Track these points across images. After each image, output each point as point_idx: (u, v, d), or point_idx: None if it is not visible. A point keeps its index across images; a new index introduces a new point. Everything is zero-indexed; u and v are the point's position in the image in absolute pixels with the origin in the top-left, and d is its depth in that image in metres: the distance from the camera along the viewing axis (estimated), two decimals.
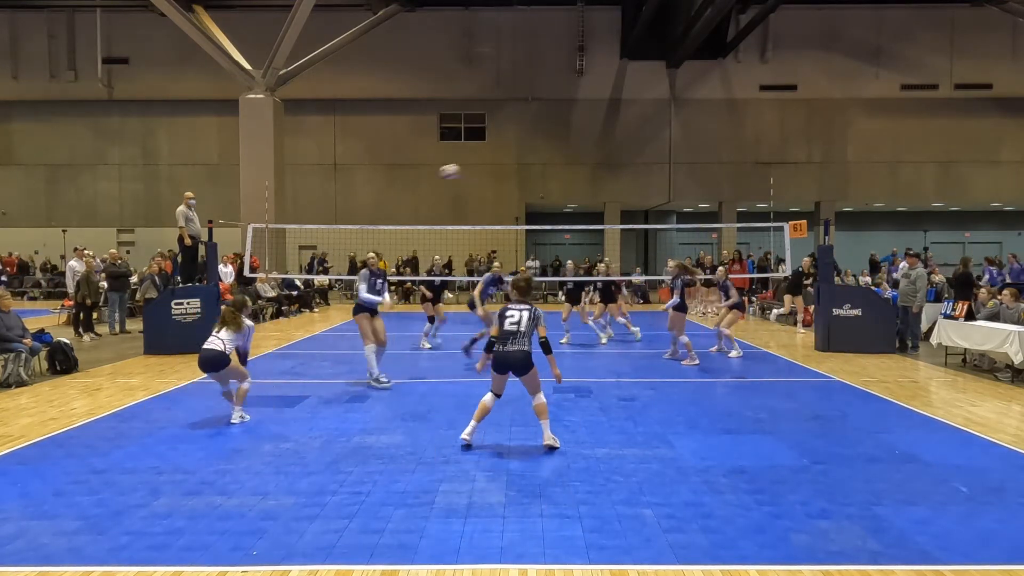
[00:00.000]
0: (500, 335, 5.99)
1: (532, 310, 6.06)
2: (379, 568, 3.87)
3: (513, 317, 6.01)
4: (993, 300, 10.59)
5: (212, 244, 12.63)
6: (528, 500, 4.89)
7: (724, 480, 5.29)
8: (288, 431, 6.73)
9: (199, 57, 23.17)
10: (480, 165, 27.82)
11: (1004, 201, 29.31)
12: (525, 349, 5.96)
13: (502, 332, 5.99)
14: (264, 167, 21.63)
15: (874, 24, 27.08)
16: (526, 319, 5.99)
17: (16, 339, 9.10)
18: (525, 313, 6.02)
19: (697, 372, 10.07)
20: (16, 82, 27.50)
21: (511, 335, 5.97)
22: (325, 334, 14.84)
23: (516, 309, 6.06)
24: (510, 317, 6.02)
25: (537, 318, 6.05)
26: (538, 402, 6.10)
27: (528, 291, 6.27)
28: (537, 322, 6.04)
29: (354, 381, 9.24)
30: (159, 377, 9.59)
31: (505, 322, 6.01)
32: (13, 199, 28.18)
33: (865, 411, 7.64)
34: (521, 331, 5.97)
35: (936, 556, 4.00)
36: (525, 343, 5.98)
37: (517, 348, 5.94)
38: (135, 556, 4.01)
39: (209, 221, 13.02)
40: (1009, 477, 5.41)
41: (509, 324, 6.00)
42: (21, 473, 5.47)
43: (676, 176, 27.72)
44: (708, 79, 27.41)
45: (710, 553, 4.04)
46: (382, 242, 23.65)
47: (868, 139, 27.48)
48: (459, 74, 27.32)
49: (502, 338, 5.98)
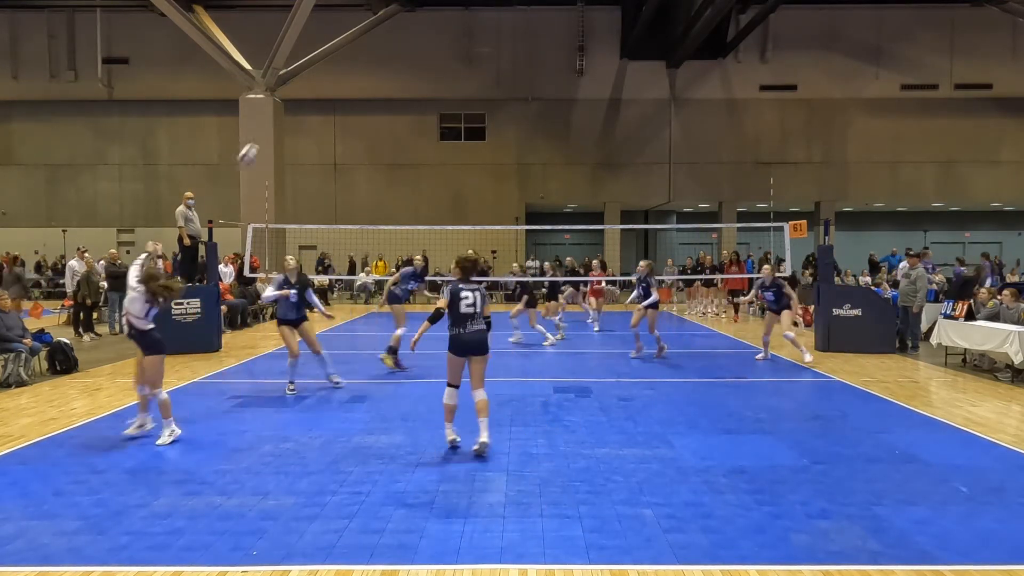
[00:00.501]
0: (457, 318, 5.86)
1: (481, 290, 6.02)
2: (379, 568, 3.87)
3: (468, 299, 5.87)
4: (993, 300, 10.59)
5: (212, 244, 12.63)
6: (528, 500, 4.89)
7: (724, 480, 5.29)
8: (288, 431, 6.72)
9: (199, 57, 23.15)
10: (480, 165, 27.84)
11: (1004, 201, 29.31)
12: (483, 328, 5.96)
13: (459, 315, 5.86)
14: (264, 167, 21.60)
15: (874, 24, 27.07)
16: (479, 299, 5.93)
17: (16, 339, 9.10)
18: (477, 294, 5.94)
19: (697, 372, 10.07)
20: (16, 82, 27.49)
21: (469, 317, 5.87)
22: (325, 334, 14.83)
23: (468, 290, 5.91)
24: (465, 299, 5.86)
25: (485, 298, 6.04)
26: (480, 398, 5.97)
27: (473, 271, 6.09)
28: (485, 301, 6.01)
29: (354, 381, 9.24)
30: None
31: (461, 304, 5.85)
32: (13, 199, 28.18)
33: (865, 411, 7.64)
34: (477, 312, 5.91)
35: (936, 556, 4.00)
36: (483, 323, 5.96)
37: (476, 329, 5.90)
38: (135, 556, 4.01)
39: (209, 221, 13.03)
40: (1009, 477, 5.41)
41: (465, 306, 5.86)
42: (21, 473, 5.47)
43: (676, 176, 27.71)
44: (708, 79, 27.40)
45: (710, 553, 4.04)
46: (382, 242, 23.73)
47: (868, 139, 27.47)
48: (459, 74, 27.31)
49: (460, 321, 5.87)
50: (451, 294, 5.90)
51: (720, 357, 11.62)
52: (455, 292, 5.89)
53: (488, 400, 6.01)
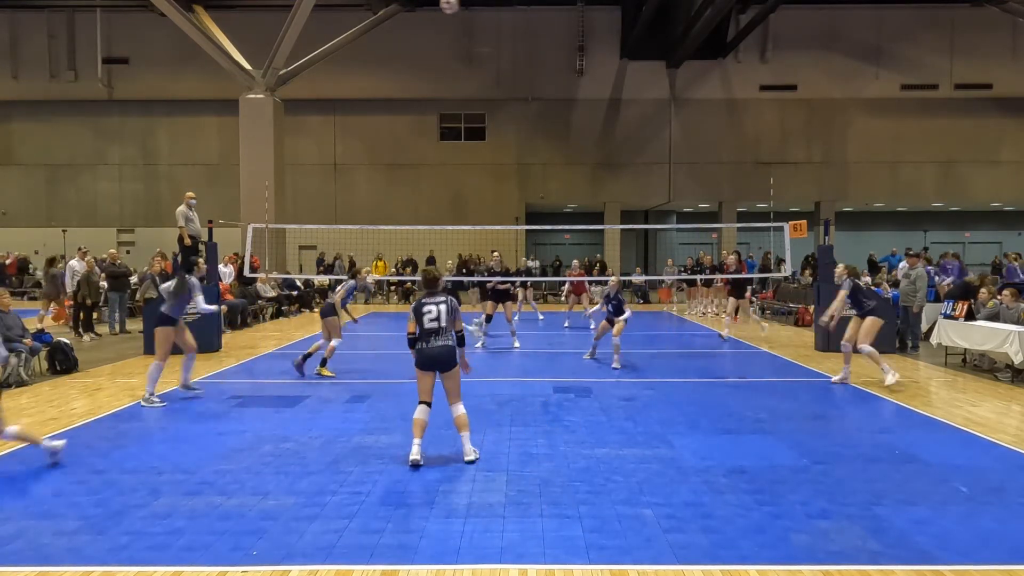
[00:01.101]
0: (421, 333, 5.78)
1: (448, 302, 5.86)
2: (379, 568, 3.87)
3: (431, 313, 5.78)
4: (993, 300, 10.59)
5: (212, 244, 12.63)
6: (528, 500, 4.89)
7: (724, 480, 5.29)
8: (288, 431, 6.72)
9: (199, 57, 23.15)
10: (480, 165, 27.84)
11: (1004, 201, 29.31)
12: (449, 344, 5.81)
13: (423, 330, 5.77)
14: (264, 167, 21.63)
15: (874, 24, 27.07)
16: (444, 312, 5.80)
17: (16, 339, 9.10)
18: (443, 307, 5.82)
19: (697, 372, 10.07)
20: (16, 82, 27.50)
21: (433, 332, 5.77)
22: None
23: (432, 303, 5.82)
24: (428, 313, 5.78)
25: (454, 311, 5.87)
26: (459, 413, 5.85)
27: (435, 283, 5.98)
28: (455, 315, 5.87)
29: (354, 381, 9.24)
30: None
31: (424, 319, 5.76)
32: (13, 199, 28.19)
33: (865, 411, 7.65)
34: (442, 326, 5.79)
35: (936, 556, 4.00)
36: (448, 338, 5.82)
37: (441, 344, 5.77)
38: (135, 556, 4.01)
39: (209, 221, 13.03)
40: (1009, 477, 5.40)
41: (429, 321, 5.76)
42: (21, 473, 5.48)
43: (676, 176, 27.72)
44: (708, 79, 27.41)
45: (710, 553, 4.04)
46: (382, 242, 23.73)
47: (868, 139, 27.48)
48: (459, 74, 27.32)
49: (424, 336, 5.77)
50: (413, 310, 5.85)
51: (720, 357, 11.61)
52: (417, 307, 5.83)
53: (467, 415, 5.87)
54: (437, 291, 5.93)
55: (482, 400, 7.99)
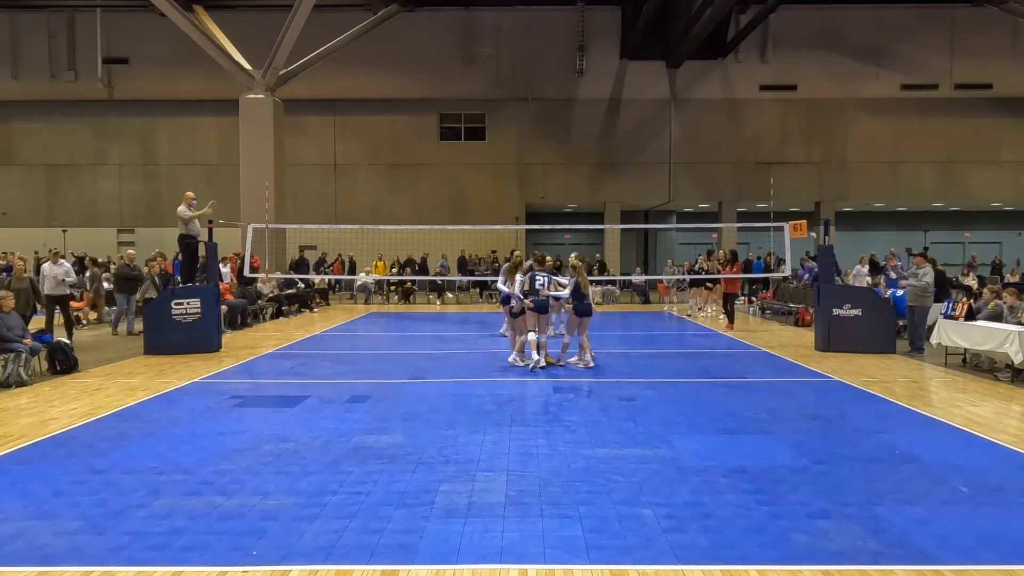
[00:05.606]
0: (532, 290, 9.75)
1: (548, 275, 10.03)
2: (379, 568, 3.87)
3: (540, 280, 9.86)
4: (995, 300, 10.58)
5: (212, 244, 12.63)
6: (528, 500, 4.89)
7: (724, 480, 5.29)
8: (288, 431, 6.72)
9: (199, 57, 23.15)
10: (480, 165, 27.85)
11: (1004, 201, 29.32)
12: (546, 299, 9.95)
13: (534, 288, 9.76)
14: (264, 167, 21.62)
15: (874, 24, 27.07)
16: (547, 282, 9.91)
17: (16, 339, 9.10)
18: (546, 278, 9.92)
19: (697, 372, 10.08)
20: (16, 82, 27.50)
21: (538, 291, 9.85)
22: (325, 334, 14.84)
23: (541, 275, 9.97)
24: (538, 279, 9.86)
25: (550, 282, 9.96)
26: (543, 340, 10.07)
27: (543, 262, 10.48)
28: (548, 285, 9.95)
29: (354, 381, 9.24)
30: (159, 377, 9.59)
31: (535, 283, 9.83)
32: (13, 199, 28.19)
33: (865, 411, 7.64)
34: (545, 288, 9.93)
35: (936, 556, 4.00)
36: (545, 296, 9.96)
37: (543, 298, 9.86)
38: (135, 556, 4.01)
39: (209, 221, 13.03)
40: (1009, 477, 5.40)
41: (539, 284, 9.84)
42: (21, 473, 5.47)
43: (676, 176, 27.72)
44: (708, 79, 27.41)
45: (710, 553, 4.04)
46: (382, 242, 23.75)
47: (868, 139, 27.49)
48: (459, 74, 27.32)
49: (533, 292, 9.77)
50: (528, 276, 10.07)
51: (720, 357, 11.61)
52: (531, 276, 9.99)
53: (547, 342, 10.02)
54: (544, 268, 10.20)
55: (482, 400, 7.99)
